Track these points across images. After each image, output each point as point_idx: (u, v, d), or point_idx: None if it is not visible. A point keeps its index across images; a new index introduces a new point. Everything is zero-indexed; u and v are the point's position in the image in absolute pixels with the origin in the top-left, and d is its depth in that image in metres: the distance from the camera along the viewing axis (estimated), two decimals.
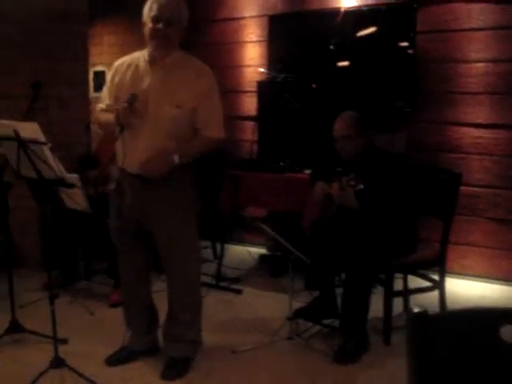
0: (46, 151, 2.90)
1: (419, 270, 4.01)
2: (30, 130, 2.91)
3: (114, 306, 4.31)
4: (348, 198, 3.54)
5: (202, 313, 3.45)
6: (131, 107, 2.95)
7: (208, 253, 5.56)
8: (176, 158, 3.01)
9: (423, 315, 1.42)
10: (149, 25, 3.01)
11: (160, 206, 3.13)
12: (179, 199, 3.15)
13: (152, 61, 3.08)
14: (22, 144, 2.98)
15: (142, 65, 3.11)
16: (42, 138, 2.87)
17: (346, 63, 5.11)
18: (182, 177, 3.15)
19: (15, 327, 3.80)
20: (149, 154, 3.00)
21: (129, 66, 3.15)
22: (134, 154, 3.05)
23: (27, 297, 4.37)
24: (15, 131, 2.96)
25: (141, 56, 3.14)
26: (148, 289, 3.52)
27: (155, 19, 2.97)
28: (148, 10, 3.01)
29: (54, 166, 2.92)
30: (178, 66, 3.07)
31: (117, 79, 3.17)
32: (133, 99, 2.97)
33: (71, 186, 2.94)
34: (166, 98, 3.01)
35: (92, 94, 6.27)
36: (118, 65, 3.21)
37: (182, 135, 3.07)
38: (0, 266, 5.08)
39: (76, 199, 3.17)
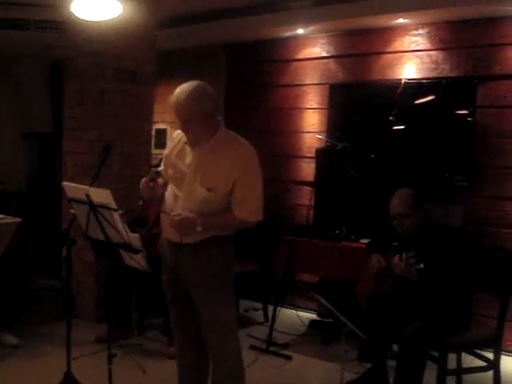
0: (116, 217, 3.01)
1: (474, 349, 3.95)
2: (101, 195, 3.04)
3: (172, 358, 4.34)
4: (409, 271, 3.57)
5: (244, 379, 3.33)
6: (152, 183, 3.14)
7: (259, 315, 5.59)
8: (199, 228, 3.02)
9: None
10: None
11: (192, 271, 3.17)
12: (211, 267, 3.15)
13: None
14: (93, 208, 3.11)
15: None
16: (113, 205, 2.99)
17: (404, 134, 5.18)
18: (216, 246, 3.16)
19: (70, 381, 3.83)
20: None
21: (180, 139, 3.23)
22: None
23: (81, 349, 4.42)
24: (87, 195, 3.10)
25: None
26: (196, 345, 3.41)
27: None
28: None
29: (123, 231, 3.03)
30: (216, 149, 3.09)
31: (170, 148, 3.29)
32: (155, 176, 3.15)
33: (138, 251, 3.04)
34: (199, 180, 3.08)
35: (153, 150, 6.45)
36: (176, 135, 3.31)
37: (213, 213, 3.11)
38: (55, 313, 5.28)
39: (136, 259, 3.26)
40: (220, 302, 3.21)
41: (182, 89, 3.02)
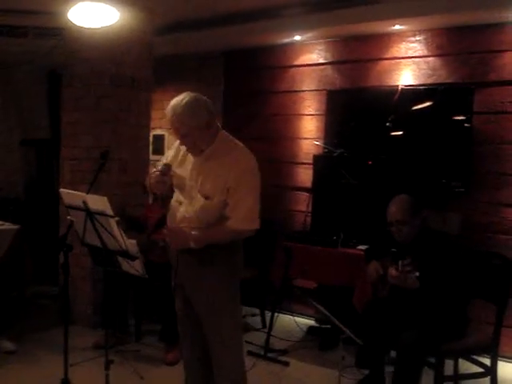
0: (113, 224, 3.02)
1: (471, 355, 3.96)
2: (98, 202, 3.05)
3: (171, 364, 4.46)
4: (405, 281, 3.56)
5: None
6: (162, 176, 3.04)
7: (256, 321, 5.59)
8: (192, 244, 3.00)
9: None
10: None
11: (197, 279, 3.13)
12: (216, 274, 3.11)
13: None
14: (90, 214, 3.12)
15: None
16: (110, 212, 3.00)
17: (402, 140, 5.18)
18: (223, 252, 3.11)
19: None
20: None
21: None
22: None
23: (78, 355, 4.44)
24: (84, 202, 3.10)
25: None
26: (202, 353, 3.36)
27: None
28: None
29: (119, 238, 3.04)
30: (214, 157, 3.07)
31: (176, 150, 3.26)
32: (166, 169, 3.05)
33: (134, 258, 3.04)
34: (198, 188, 3.06)
35: (151, 156, 6.45)
36: (176, 143, 3.28)
37: (212, 221, 3.06)
38: (52, 319, 5.28)
39: (134, 265, 3.26)
40: (224, 312, 3.15)
41: (176, 103, 2.99)
